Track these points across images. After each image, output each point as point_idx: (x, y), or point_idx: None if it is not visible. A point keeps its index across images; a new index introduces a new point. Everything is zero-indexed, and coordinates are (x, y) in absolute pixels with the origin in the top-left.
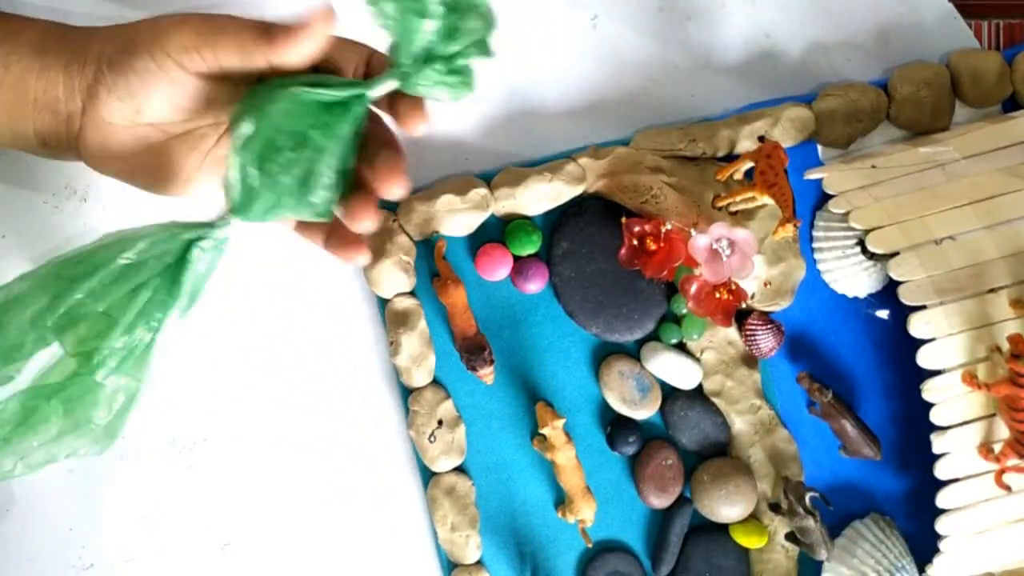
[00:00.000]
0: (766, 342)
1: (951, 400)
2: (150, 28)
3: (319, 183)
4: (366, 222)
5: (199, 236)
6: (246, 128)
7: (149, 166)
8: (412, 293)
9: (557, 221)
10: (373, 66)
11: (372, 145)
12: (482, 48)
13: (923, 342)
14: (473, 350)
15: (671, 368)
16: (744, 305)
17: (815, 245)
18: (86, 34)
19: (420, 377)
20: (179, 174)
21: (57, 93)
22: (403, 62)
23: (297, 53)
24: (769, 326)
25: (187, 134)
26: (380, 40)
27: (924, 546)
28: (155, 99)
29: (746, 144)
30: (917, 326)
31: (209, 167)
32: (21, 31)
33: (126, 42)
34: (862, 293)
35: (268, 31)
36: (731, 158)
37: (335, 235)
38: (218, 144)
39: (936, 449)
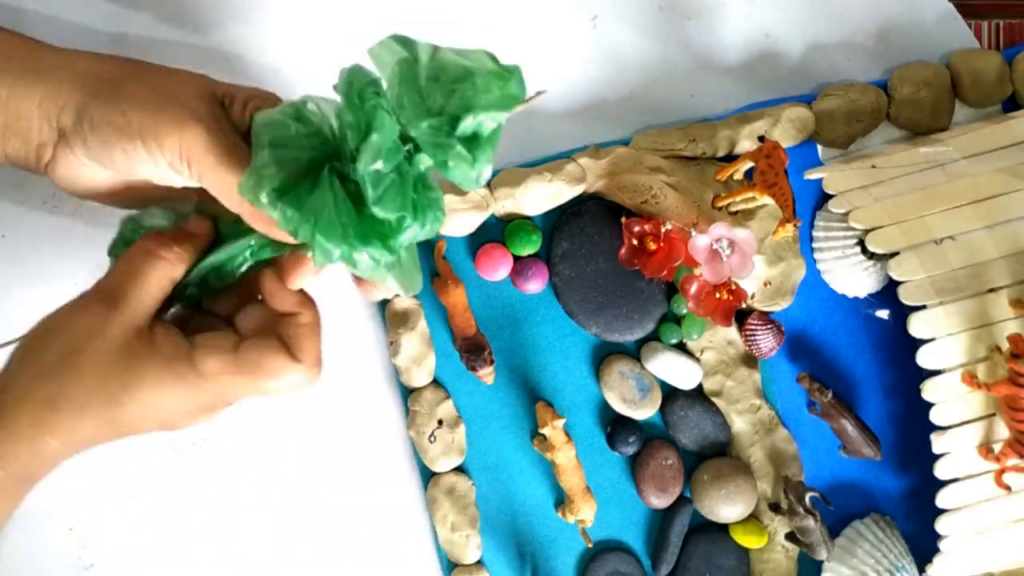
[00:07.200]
0: (766, 342)
1: (951, 400)
2: (150, 114)
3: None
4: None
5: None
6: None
7: (118, 194)
8: None
9: (557, 221)
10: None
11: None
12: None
13: (923, 342)
14: (473, 350)
15: (671, 368)
16: (744, 305)
17: (815, 245)
18: (60, 65)
19: (420, 377)
20: (149, 200)
21: (29, 124)
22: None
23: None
24: (769, 326)
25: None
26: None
27: (924, 546)
28: (135, 173)
29: (746, 144)
30: (917, 326)
31: (176, 192)
32: None
33: (117, 114)
34: (862, 293)
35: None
36: (731, 158)
37: None
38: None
39: (936, 449)
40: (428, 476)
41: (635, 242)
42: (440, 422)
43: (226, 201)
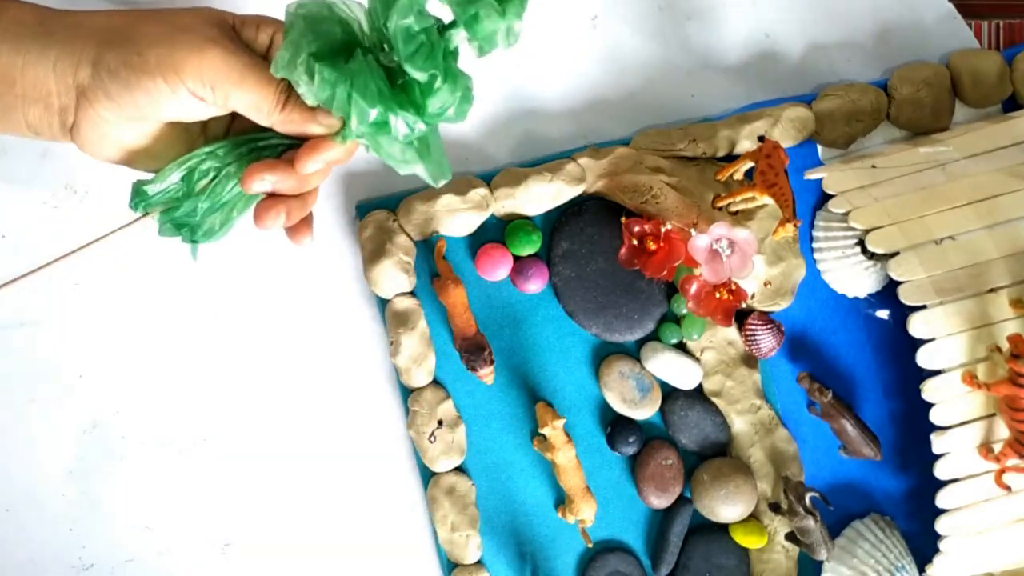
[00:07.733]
0: (766, 342)
1: (951, 400)
2: (166, 47)
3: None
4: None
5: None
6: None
7: (144, 150)
8: (412, 293)
9: (557, 221)
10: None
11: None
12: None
13: (923, 342)
14: (473, 350)
15: (671, 368)
16: (744, 305)
17: (815, 245)
18: (71, 25)
19: (420, 377)
20: (175, 154)
21: (48, 88)
22: None
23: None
24: (769, 326)
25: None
26: None
27: (924, 546)
28: (161, 113)
29: (746, 144)
30: (917, 326)
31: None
32: None
33: (133, 55)
34: (862, 293)
35: (289, 105)
36: (731, 158)
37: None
38: (208, 123)
39: (936, 449)
40: (428, 476)
41: (635, 242)
42: (440, 422)
43: (256, 114)
